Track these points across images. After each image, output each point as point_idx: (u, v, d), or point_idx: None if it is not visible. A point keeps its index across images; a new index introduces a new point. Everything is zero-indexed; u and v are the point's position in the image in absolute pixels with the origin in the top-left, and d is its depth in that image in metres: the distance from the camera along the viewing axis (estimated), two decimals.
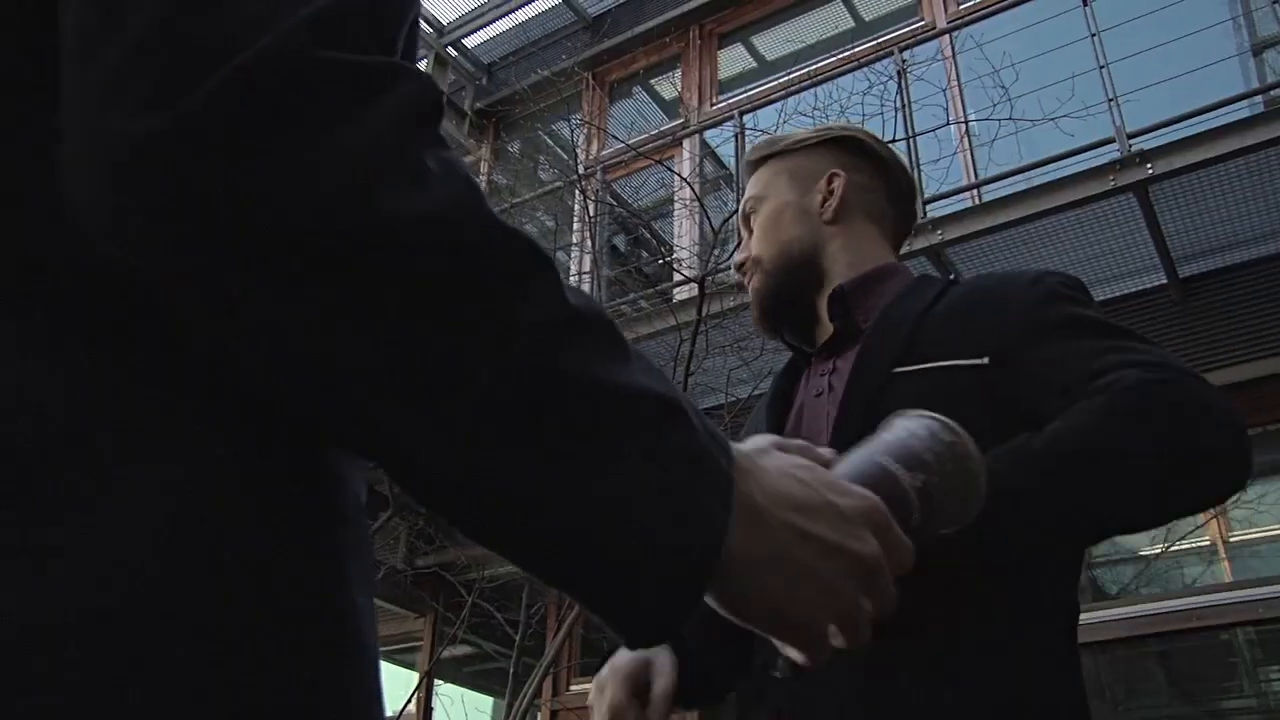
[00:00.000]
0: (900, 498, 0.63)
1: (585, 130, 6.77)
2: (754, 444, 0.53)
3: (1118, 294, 4.57)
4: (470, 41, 7.87)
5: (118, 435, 0.37)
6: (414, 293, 0.37)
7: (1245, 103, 4.26)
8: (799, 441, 0.56)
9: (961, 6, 5.94)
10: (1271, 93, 4.32)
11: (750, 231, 1.27)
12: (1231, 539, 4.38)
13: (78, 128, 0.36)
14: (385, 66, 0.38)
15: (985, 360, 0.99)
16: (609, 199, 5.83)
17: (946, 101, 4.86)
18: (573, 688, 5.56)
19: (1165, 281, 4.42)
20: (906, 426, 0.69)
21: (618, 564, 0.41)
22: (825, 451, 0.58)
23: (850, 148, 1.26)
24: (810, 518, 0.48)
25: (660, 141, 6.13)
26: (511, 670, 4.69)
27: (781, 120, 4.91)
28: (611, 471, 0.40)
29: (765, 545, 0.46)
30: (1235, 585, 4.21)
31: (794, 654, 0.52)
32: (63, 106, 0.37)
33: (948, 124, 4.79)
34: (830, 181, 1.23)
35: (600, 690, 1.08)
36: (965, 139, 4.83)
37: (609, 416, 0.41)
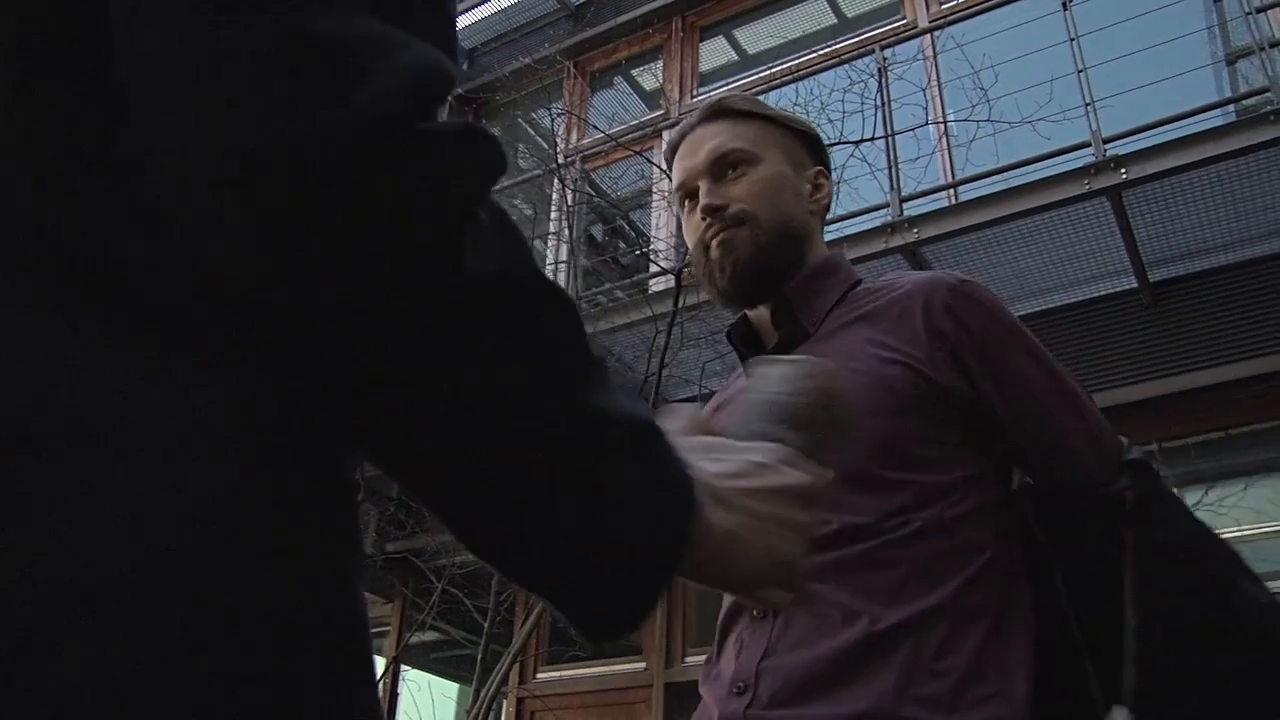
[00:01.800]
0: None
1: (565, 119, 6.75)
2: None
3: (1089, 296, 4.62)
4: None
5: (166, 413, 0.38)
6: (482, 334, 0.44)
7: (1218, 111, 4.32)
8: (684, 421, 0.63)
9: (943, 6, 5.98)
10: (1244, 102, 4.38)
11: (716, 179, 1.18)
12: None
13: (188, 140, 0.38)
14: (466, 132, 0.43)
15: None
16: (587, 188, 5.82)
17: (926, 101, 4.89)
18: (540, 675, 5.58)
19: (1136, 285, 4.48)
20: (775, 377, 0.68)
21: (615, 554, 0.48)
22: (713, 424, 0.66)
23: (823, 152, 1.27)
24: (745, 478, 0.57)
25: (640, 132, 6.13)
26: (479, 657, 4.69)
27: None
28: (612, 486, 0.48)
29: (731, 514, 0.54)
30: None
31: (778, 596, 0.59)
32: (156, 116, 0.39)
33: (927, 124, 4.82)
34: (819, 178, 1.23)
35: None
36: (944, 139, 4.86)
37: (611, 439, 0.48)
